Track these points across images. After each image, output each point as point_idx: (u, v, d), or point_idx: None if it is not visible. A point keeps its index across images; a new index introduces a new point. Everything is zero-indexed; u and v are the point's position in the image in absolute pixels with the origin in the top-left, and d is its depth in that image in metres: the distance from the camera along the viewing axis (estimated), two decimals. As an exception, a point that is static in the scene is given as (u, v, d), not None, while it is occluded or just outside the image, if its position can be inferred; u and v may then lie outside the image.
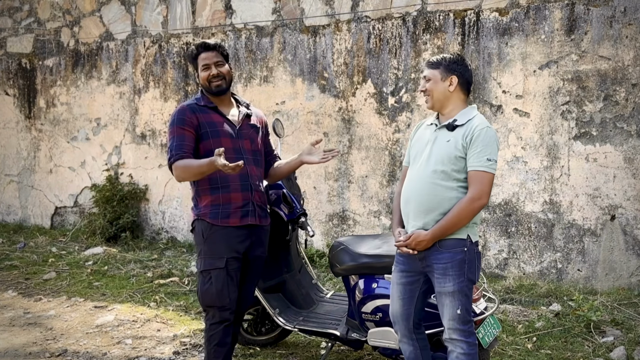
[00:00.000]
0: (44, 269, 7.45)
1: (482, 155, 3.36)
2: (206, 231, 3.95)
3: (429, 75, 3.56)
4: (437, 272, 3.48)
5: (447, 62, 3.53)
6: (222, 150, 3.53)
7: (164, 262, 7.56)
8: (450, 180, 3.43)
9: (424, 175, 3.49)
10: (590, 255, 6.09)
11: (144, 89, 8.67)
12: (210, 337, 3.99)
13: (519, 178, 6.35)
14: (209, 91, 4.03)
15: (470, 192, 3.38)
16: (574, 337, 5.10)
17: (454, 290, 3.45)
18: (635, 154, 5.86)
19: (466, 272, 3.45)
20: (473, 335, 3.55)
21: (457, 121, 3.49)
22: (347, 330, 4.49)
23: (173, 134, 3.91)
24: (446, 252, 3.45)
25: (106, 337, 5.39)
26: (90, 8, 9.07)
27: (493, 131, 3.44)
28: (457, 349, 3.50)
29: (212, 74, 3.99)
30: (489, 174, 3.37)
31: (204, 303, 4.00)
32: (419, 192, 3.50)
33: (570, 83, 6.09)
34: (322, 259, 7.11)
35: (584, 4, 6.01)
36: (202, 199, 3.99)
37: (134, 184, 8.79)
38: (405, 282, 3.66)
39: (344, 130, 7.25)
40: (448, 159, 3.43)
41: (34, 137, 9.77)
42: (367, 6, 7.05)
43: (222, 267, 3.91)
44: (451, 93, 3.53)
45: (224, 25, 8.00)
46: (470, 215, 3.39)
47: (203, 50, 4.03)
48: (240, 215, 3.97)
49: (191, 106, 3.98)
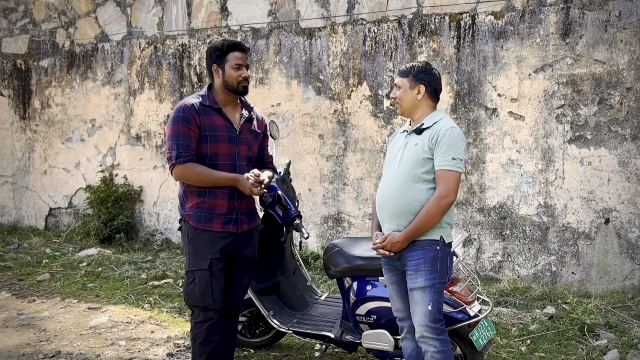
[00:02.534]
0: (38, 270, 7.42)
1: (447, 154, 3.48)
2: (190, 233, 3.99)
3: (399, 84, 3.73)
4: (410, 269, 3.58)
5: (415, 72, 3.69)
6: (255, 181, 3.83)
7: (158, 263, 7.54)
8: (420, 182, 3.55)
9: (395, 179, 3.63)
10: (584, 259, 6.10)
11: (139, 90, 8.66)
12: (195, 335, 4.05)
13: (514, 181, 6.36)
14: (234, 90, 4.01)
15: (438, 190, 3.49)
16: (568, 340, 5.10)
17: (425, 286, 3.53)
18: (630, 158, 5.87)
19: (439, 270, 3.54)
20: (445, 333, 3.61)
21: (424, 124, 3.62)
22: (341, 333, 4.49)
23: (179, 131, 3.87)
24: (419, 249, 3.55)
25: (100, 339, 5.37)
26: (86, 9, 9.06)
27: (458, 131, 3.55)
28: (430, 348, 3.57)
29: (244, 75, 4.01)
30: (454, 173, 3.49)
31: (188, 302, 4.05)
32: (390, 196, 3.63)
33: (565, 86, 6.11)
34: (316, 261, 7.11)
35: (579, 8, 6.02)
36: (189, 199, 4.00)
37: (128, 186, 8.77)
38: (394, 280, 3.77)
39: (340, 133, 7.25)
40: (416, 161, 3.55)
41: (28, 138, 9.75)
42: (362, 9, 7.06)
43: (206, 269, 3.93)
44: (419, 101, 3.69)
45: (220, 27, 7.99)
46: (439, 212, 3.49)
47: (237, 50, 4.03)
48: (222, 222, 3.98)
49: (196, 106, 3.93)
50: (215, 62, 4.03)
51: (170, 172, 3.99)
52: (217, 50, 4.03)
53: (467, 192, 6.58)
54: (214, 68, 4.03)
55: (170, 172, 3.97)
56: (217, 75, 4.03)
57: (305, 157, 7.47)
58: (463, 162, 3.54)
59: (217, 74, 4.03)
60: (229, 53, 4.01)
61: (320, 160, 7.39)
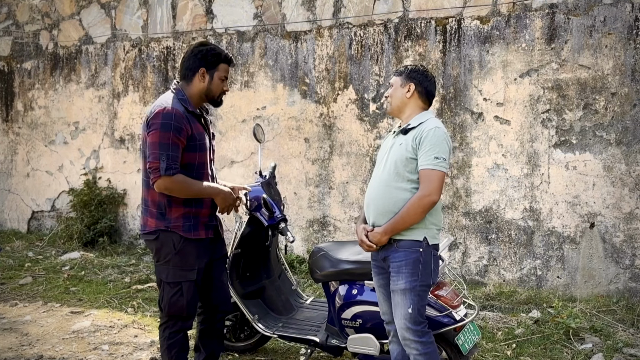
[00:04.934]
0: (20, 274, 7.35)
1: (430, 153, 3.48)
2: (178, 243, 3.82)
3: (393, 82, 3.77)
4: (392, 271, 3.60)
5: (409, 71, 3.73)
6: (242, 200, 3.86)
7: (142, 267, 7.49)
8: (404, 182, 3.56)
9: (381, 179, 3.66)
10: (569, 263, 6.11)
11: (123, 93, 8.61)
12: (170, 345, 3.92)
13: (500, 185, 6.37)
14: (213, 100, 3.94)
15: (420, 189, 3.50)
16: (553, 344, 5.11)
17: (405, 288, 3.53)
18: (614, 162, 5.90)
19: (420, 273, 3.54)
20: (427, 335, 3.60)
21: (411, 124, 3.63)
22: (326, 337, 4.48)
23: (169, 140, 3.65)
24: (402, 251, 3.56)
25: (83, 343, 5.32)
26: (70, 11, 9.00)
27: (442, 131, 3.56)
28: (413, 350, 3.58)
29: (226, 88, 3.97)
30: (438, 172, 3.48)
31: (169, 313, 3.89)
32: (376, 195, 3.67)
33: (550, 91, 6.13)
34: (302, 264, 7.09)
35: (564, 13, 6.05)
36: (174, 210, 3.82)
37: (112, 189, 8.70)
38: (382, 283, 3.77)
39: (325, 136, 7.24)
40: (401, 161, 3.57)
41: (11, 141, 9.66)
42: (348, 12, 7.05)
43: (194, 280, 3.86)
44: (408, 99, 3.70)
45: (205, 29, 7.96)
46: (420, 210, 3.49)
47: (228, 63, 3.94)
48: (204, 229, 3.93)
49: (185, 114, 3.76)
50: (205, 66, 3.86)
51: (152, 182, 3.75)
52: (214, 56, 3.87)
53: (453, 196, 6.58)
54: (201, 71, 3.85)
55: (153, 182, 3.73)
56: (201, 79, 3.86)
57: (290, 161, 7.45)
58: (447, 162, 3.54)
59: (202, 79, 3.86)
60: (221, 63, 3.90)
61: (306, 164, 7.37)
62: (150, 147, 3.69)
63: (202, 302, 4.14)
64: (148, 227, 3.88)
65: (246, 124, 7.65)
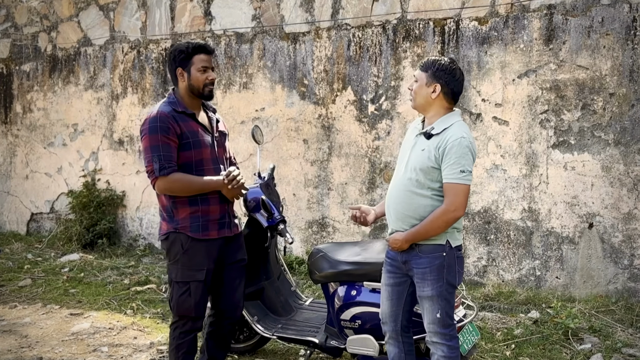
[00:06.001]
0: (20, 276, 7.35)
1: (455, 167, 3.39)
2: (186, 243, 3.86)
3: (417, 77, 3.60)
4: (417, 277, 3.55)
5: (435, 69, 3.53)
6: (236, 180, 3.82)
7: (141, 269, 7.49)
8: (424, 189, 3.49)
9: (401, 183, 3.58)
10: (568, 263, 6.12)
11: (122, 95, 8.61)
12: (178, 345, 3.95)
13: (498, 186, 6.37)
14: (199, 94, 3.91)
15: (445, 203, 3.43)
16: (552, 345, 5.11)
17: (432, 295, 3.51)
18: (613, 163, 5.90)
19: (445, 277, 3.50)
20: (455, 339, 3.59)
21: (434, 129, 3.52)
22: (325, 338, 4.48)
23: (158, 142, 3.73)
24: (425, 257, 3.51)
25: (82, 345, 5.32)
26: (68, 13, 9.00)
27: (467, 141, 3.44)
28: (438, 351, 3.57)
29: (210, 78, 3.91)
30: (463, 186, 3.41)
31: (178, 313, 3.93)
32: (395, 199, 3.61)
33: (548, 92, 6.13)
34: (301, 266, 7.09)
35: (562, 13, 6.06)
36: (180, 211, 3.86)
37: (111, 190, 8.70)
38: (392, 282, 3.73)
39: (324, 138, 7.24)
40: (421, 169, 3.48)
41: (10, 143, 9.66)
42: (347, 14, 7.06)
43: (202, 280, 3.87)
44: (433, 100, 3.55)
45: (203, 31, 7.96)
46: (444, 225, 3.45)
47: (202, 52, 3.90)
48: (217, 228, 3.93)
49: (171, 114, 3.81)
50: (179, 65, 3.90)
51: (152, 186, 3.84)
52: (181, 53, 3.89)
53: (452, 197, 6.58)
54: (179, 72, 3.90)
55: (153, 185, 3.82)
56: (182, 79, 3.91)
57: (289, 162, 7.45)
58: (471, 174, 3.46)
59: (182, 78, 3.91)
60: (194, 56, 3.88)
61: (305, 165, 7.37)
62: (144, 152, 3.80)
63: (211, 305, 4.15)
64: (162, 230, 3.97)
65: (245, 126, 7.65)
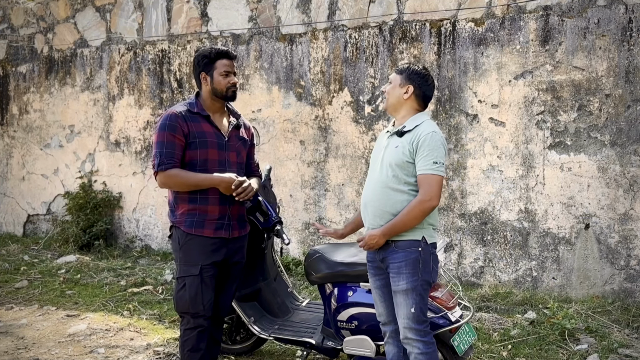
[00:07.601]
0: (16, 277, 7.33)
1: (428, 159, 3.50)
2: (182, 239, 3.97)
3: (392, 79, 3.77)
4: (392, 272, 3.61)
5: (409, 72, 3.71)
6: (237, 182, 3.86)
7: (138, 270, 7.48)
8: (401, 184, 3.58)
9: (378, 180, 3.67)
10: (564, 264, 6.13)
11: (119, 96, 8.61)
12: (184, 342, 4.03)
13: (495, 187, 6.38)
14: (223, 96, 4.04)
15: (420, 194, 3.52)
16: (549, 345, 5.12)
17: (407, 289, 3.55)
18: (609, 164, 5.92)
19: (420, 272, 3.56)
20: (429, 335, 3.63)
21: (406, 127, 3.64)
22: (322, 339, 4.48)
23: (163, 139, 3.88)
24: (401, 251, 3.58)
25: (78, 347, 5.31)
26: (65, 15, 9.00)
27: (439, 135, 3.58)
28: (414, 349, 3.60)
29: (232, 81, 4.04)
30: (437, 176, 3.51)
31: (178, 309, 4.03)
32: (372, 196, 3.68)
33: (545, 93, 6.14)
34: (297, 267, 7.09)
35: (558, 15, 6.07)
36: (180, 206, 3.99)
37: (107, 192, 8.70)
38: (380, 284, 3.78)
39: (321, 139, 7.24)
40: (397, 164, 3.58)
41: (6, 144, 9.65)
42: (343, 15, 7.06)
43: (196, 275, 3.92)
44: (405, 100, 3.71)
45: (200, 32, 7.96)
46: (420, 215, 3.52)
47: (225, 57, 4.04)
48: (214, 227, 3.98)
49: (183, 114, 3.94)
50: (203, 70, 4.04)
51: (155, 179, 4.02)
52: (205, 58, 4.04)
53: (449, 197, 6.60)
54: (202, 76, 4.05)
55: (155, 179, 3.98)
56: (205, 82, 4.05)
57: (286, 163, 7.46)
58: (444, 166, 3.56)
59: (205, 82, 4.05)
60: (217, 60, 4.03)
61: (302, 166, 7.37)
62: (153, 147, 3.97)
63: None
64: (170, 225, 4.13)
65: (242, 127, 7.64)
